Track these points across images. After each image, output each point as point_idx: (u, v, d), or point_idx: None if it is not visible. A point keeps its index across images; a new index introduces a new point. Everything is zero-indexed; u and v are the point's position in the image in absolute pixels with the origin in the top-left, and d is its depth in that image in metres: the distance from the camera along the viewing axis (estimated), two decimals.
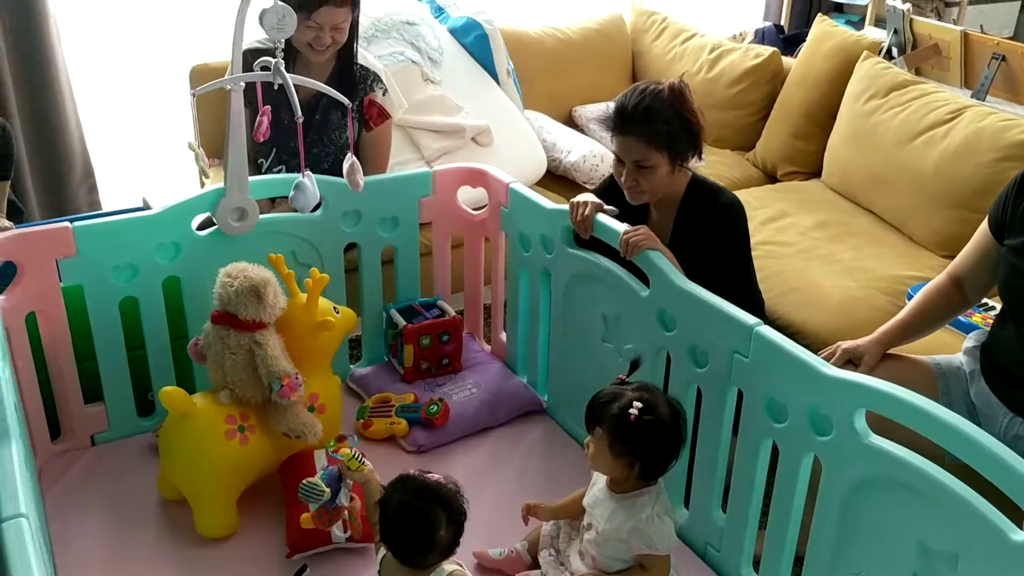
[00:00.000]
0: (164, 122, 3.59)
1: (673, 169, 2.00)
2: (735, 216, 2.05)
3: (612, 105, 2.04)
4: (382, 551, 1.62)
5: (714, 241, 2.02)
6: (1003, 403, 1.78)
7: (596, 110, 3.58)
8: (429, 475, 1.61)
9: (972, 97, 3.37)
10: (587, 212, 2.05)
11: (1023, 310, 1.75)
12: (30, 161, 3.23)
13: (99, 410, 2.21)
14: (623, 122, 1.97)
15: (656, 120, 1.94)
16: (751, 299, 2.11)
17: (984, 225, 1.87)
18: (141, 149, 3.62)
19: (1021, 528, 1.33)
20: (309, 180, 2.06)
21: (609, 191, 2.16)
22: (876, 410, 1.52)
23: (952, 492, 1.40)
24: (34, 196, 3.27)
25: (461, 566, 1.60)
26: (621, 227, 1.99)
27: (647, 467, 1.69)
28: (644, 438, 1.65)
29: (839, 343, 1.92)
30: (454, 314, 2.49)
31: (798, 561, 1.75)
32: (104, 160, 3.49)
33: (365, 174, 2.19)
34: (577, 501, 1.84)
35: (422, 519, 1.54)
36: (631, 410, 1.64)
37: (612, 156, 3.26)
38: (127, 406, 2.23)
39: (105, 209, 3.35)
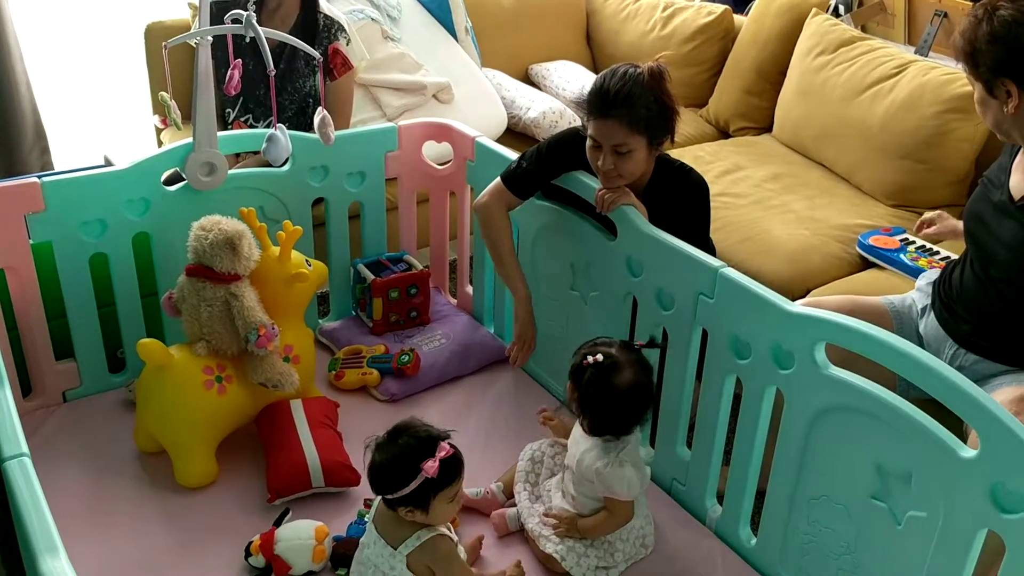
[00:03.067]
0: (115, 83, 3.55)
1: (649, 153, 2.00)
2: (703, 195, 2.09)
3: (588, 87, 2.01)
4: (375, 502, 1.64)
5: (683, 218, 2.04)
6: (949, 335, 1.88)
7: (554, 68, 3.61)
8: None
9: (915, 53, 3.47)
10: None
11: (976, 239, 1.85)
12: None
13: (70, 367, 2.21)
14: (604, 105, 1.92)
15: (637, 104, 1.91)
16: None
17: None
18: (93, 110, 3.58)
19: (968, 445, 1.44)
20: (282, 132, 2.07)
21: (571, 144, 2.16)
22: (835, 342, 1.61)
23: (906, 415, 1.50)
24: None
25: (450, 530, 1.62)
26: (595, 182, 2.04)
27: (580, 409, 1.76)
28: (578, 383, 1.74)
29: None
30: (421, 268, 2.54)
31: (760, 495, 1.85)
32: (56, 121, 3.44)
33: None
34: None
35: (393, 450, 1.56)
36: (588, 357, 1.71)
37: (571, 112, 3.34)
38: (98, 362, 2.24)
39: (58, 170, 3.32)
